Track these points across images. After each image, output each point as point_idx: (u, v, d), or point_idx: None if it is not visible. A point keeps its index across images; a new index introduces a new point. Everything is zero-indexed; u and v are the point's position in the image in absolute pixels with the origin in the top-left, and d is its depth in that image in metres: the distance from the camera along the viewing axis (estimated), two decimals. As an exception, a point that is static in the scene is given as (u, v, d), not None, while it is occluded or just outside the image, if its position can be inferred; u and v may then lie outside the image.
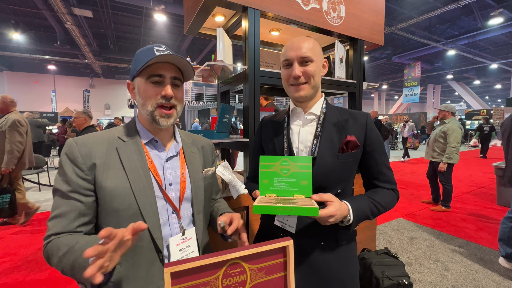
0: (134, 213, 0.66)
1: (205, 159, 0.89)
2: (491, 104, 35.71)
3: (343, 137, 0.81)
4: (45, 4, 8.39)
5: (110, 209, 0.65)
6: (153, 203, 0.68)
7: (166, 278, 0.46)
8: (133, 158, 0.70)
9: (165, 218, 0.72)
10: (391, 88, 25.38)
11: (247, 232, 1.45)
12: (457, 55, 14.16)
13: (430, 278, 2.12)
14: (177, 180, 0.76)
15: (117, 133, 0.73)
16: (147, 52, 0.69)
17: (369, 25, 1.88)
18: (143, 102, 0.70)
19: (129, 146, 0.71)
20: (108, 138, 0.71)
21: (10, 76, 15.43)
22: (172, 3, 8.36)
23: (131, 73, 0.73)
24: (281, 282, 0.57)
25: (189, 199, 0.79)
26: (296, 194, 0.72)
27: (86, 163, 0.65)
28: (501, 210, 3.69)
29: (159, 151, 0.77)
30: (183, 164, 0.80)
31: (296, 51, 0.79)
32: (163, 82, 0.71)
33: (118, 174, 0.67)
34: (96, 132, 0.72)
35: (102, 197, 0.65)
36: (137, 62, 0.70)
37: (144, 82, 0.70)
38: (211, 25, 1.77)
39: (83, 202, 0.64)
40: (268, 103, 2.68)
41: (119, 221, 0.65)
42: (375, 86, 2.11)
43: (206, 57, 13.46)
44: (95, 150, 0.67)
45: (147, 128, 0.75)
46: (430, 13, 8.81)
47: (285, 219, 0.83)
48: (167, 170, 0.76)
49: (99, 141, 0.69)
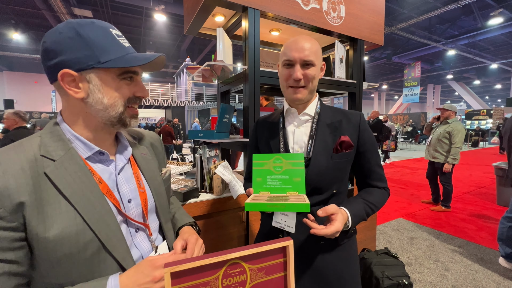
0: (94, 251, 0.51)
1: (158, 158, 0.76)
2: (491, 104, 35.73)
3: (337, 138, 0.82)
4: (45, 4, 8.40)
5: (57, 257, 0.48)
6: (117, 231, 0.55)
7: (166, 278, 0.45)
8: (75, 181, 0.52)
9: (130, 241, 0.60)
10: (391, 88, 25.39)
11: (247, 232, 1.45)
12: (457, 55, 14.18)
13: (430, 278, 2.12)
14: (135, 194, 0.63)
15: (36, 149, 0.52)
16: (110, 39, 0.54)
17: (369, 25, 1.88)
18: (111, 103, 0.55)
19: (64, 165, 0.52)
20: (27, 160, 0.49)
21: (10, 76, 15.44)
22: (172, 3, 8.37)
23: (77, 61, 0.51)
24: (281, 282, 0.57)
25: (153, 210, 0.68)
26: (289, 191, 0.72)
27: (4, 205, 0.45)
28: (501, 210, 3.68)
29: (106, 164, 0.60)
30: (137, 171, 0.66)
31: (299, 53, 0.77)
32: (135, 79, 0.59)
33: (59, 209, 0.49)
34: (2, 153, 0.50)
35: (41, 247, 0.47)
36: (95, 49, 0.51)
37: (113, 79, 0.55)
38: (211, 25, 1.77)
39: (13, 260, 0.46)
40: (269, 103, 2.68)
41: (71, 269, 0.49)
42: (375, 86, 2.11)
43: (206, 57, 13.48)
44: (14, 183, 0.46)
45: (86, 136, 0.57)
46: (430, 13, 8.82)
47: (283, 220, 0.84)
48: (122, 185, 0.61)
49: (15, 167, 0.48)
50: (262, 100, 2.66)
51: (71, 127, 0.57)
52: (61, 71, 0.51)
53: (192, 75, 1.77)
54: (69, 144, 0.55)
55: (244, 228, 1.45)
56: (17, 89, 15.45)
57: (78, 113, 0.56)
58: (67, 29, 0.51)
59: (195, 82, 6.56)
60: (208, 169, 1.41)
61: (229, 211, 1.38)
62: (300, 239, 0.80)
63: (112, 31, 0.55)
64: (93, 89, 0.53)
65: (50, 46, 0.51)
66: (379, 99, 25.90)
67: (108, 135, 0.61)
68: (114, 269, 0.54)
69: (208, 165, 1.41)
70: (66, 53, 0.51)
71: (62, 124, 0.57)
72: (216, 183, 1.35)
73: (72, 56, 0.51)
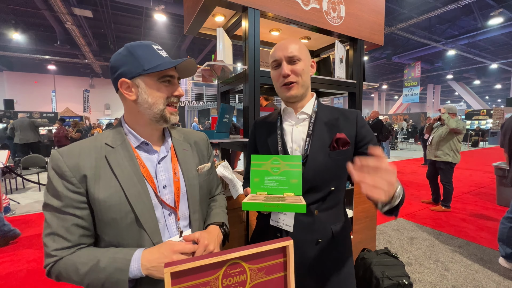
0: (131, 221, 0.65)
1: (199, 154, 0.86)
2: (491, 104, 35.70)
3: (333, 135, 0.82)
4: (45, 4, 8.40)
5: (107, 219, 0.63)
6: (150, 209, 0.67)
7: (166, 278, 0.46)
8: (125, 164, 0.67)
9: (163, 223, 0.71)
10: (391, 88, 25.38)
11: (247, 232, 1.45)
12: (457, 55, 14.16)
13: (430, 278, 2.12)
14: (170, 182, 0.74)
15: (104, 139, 0.69)
16: (152, 52, 0.68)
17: (369, 25, 1.88)
18: (154, 101, 0.68)
19: (119, 152, 0.68)
20: (95, 147, 0.67)
21: (10, 76, 15.43)
22: (172, 3, 8.37)
23: (129, 71, 0.67)
24: (281, 282, 0.57)
25: (184, 199, 0.77)
26: (286, 192, 0.73)
27: (75, 175, 0.62)
28: (501, 210, 3.68)
29: (150, 153, 0.74)
30: (176, 163, 0.78)
31: (283, 51, 0.81)
32: (173, 82, 0.72)
33: (110, 183, 0.64)
34: (81, 141, 0.68)
35: (97, 209, 0.63)
36: (140, 60, 0.67)
37: (155, 82, 0.69)
38: (211, 25, 1.77)
39: (79, 215, 0.62)
40: (268, 103, 2.67)
41: (117, 231, 0.64)
42: (375, 86, 2.11)
43: (206, 57, 13.46)
44: (83, 161, 0.64)
45: (137, 131, 0.73)
46: (430, 13, 8.81)
47: (281, 218, 0.84)
48: (160, 173, 0.74)
49: (86, 150, 0.66)
50: (262, 100, 2.66)
51: (128, 124, 0.73)
52: (119, 80, 0.68)
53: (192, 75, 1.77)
54: (125, 136, 0.71)
55: (244, 228, 1.45)
56: (17, 89, 15.44)
57: (132, 113, 0.72)
58: (123, 50, 0.69)
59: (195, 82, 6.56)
60: (208, 169, 1.41)
61: (229, 211, 1.37)
62: (297, 237, 0.80)
63: (154, 47, 0.70)
64: (141, 91, 0.68)
65: (112, 64, 0.70)
66: (379, 99, 25.89)
67: (155, 130, 0.75)
68: (146, 239, 0.66)
69: (208, 165, 1.41)
70: (122, 67, 0.68)
71: (122, 122, 0.74)
72: (216, 183, 1.35)
73: (125, 68, 0.67)
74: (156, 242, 0.67)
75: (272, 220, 0.86)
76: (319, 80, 1.68)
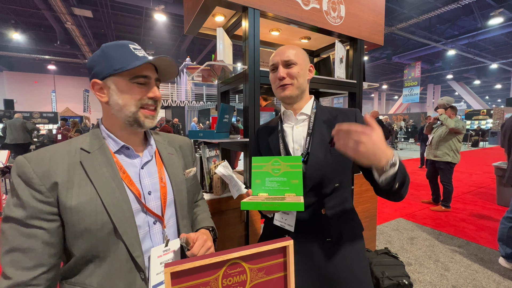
0: (108, 232, 0.59)
1: (185, 159, 0.83)
2: (491, 104, 35.71)
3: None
4: (45, 4, 8.40)
5: (79, 231, 0.57)
6: (130, 218, 0.62)
7: (166, 278, 0.46)
8: (102, 170, 0.62)
9: (145, 231, 0.66)
10: (391, 88, 25.39)
11: (247, 232, 1.45)
12: (457, 55, 14.17)
13: (430, 278, 2.12)
14: (156, 187, 0.70)
15: (79, 144, 0.64)
16: (125, 52, 0.64)
17: (369, 25, 1.88)
18: (124, 103, 0.64)
19: (96, 157, 0.63)
20: (68, 152, 0.62)
21: (10, 76, 15.43)
22: (172, 3, 8.37)
23: (100, 72, 0.63)
24: (281, 282, 0.57)
25: (172, 205, 0.73)
26: (287, 193, 0.73)
27: (44, 183, 0.56)
28: (501, 210, 3.68)
29: (132, 158, 0.69)
30: (161, 167, 0.74)
31: (280, 56, 0.86)
32: (148, 83, 0.67)
33: (85, 189, 0.59)
34: (53, 146, 0.63)
35: (68, 219, 0.57)
36: (111, 60, 0.63)
37: (126, 83, 0.64)
38: (211, 25, 1.77)
39: (46, 229, 0.55)
40: (268, 103, 2.67)
41: (92, 244, 0.58)
42: (375, 86, 2.11)
43: (206, 57, 13.48)
44: (54, 167, 0.58)
45: (116, 135, 0.68)
46: (430, 13, 8.81)
47: (284, 218, 0.84)
48: (144, 178, 0.69)
49: (58, 155, 0.60)
50: (261, 101, 2.66)
51: (105, 127, 0.69)
52: (91, 81, 0.65)
53: (192, 75, 1.77)
54: (103, 140, 0.67)
55: (244, 228, 1.45)
56: (17, 89, 15.45)
57: (108, 115, 0.68)
58: (99, 50, 0.65)
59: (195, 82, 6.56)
60: (208, 169, 1.41)
61: (229, 211, 1.38)
62: (303, 237, 0.80)
63: (130, 46, 0.66)
64: (111, 93, 0.64)
65: (88, 65, 0.67)
66: (379, 99, 25.89)
67: (133, 135, 0.71)
68: (124, 252, 0.61)
69: (208, 165, 1.41)
70: (95, 67, 0.64)
71: (100, 126, 0.70)
72: (216, 183, 1.35)
73: (97, 69, 0.64)
74: (135, 256, 0.62)
75: (276, 219, 0.87)
76: (319, 80, 1.68)
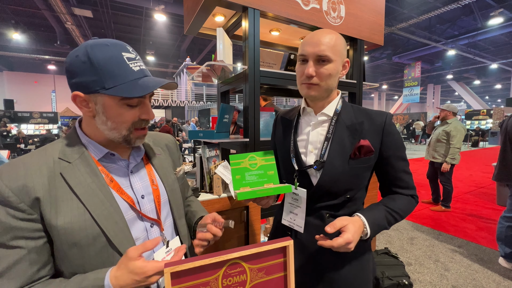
0: (102, 245, 0.55)
1: (172, 157, 0.81)
2: (491, 104, 35.72)
3: (356, 141, 0.74)
4: (45, 4, 8.40)
5: (69, 246, 0.53)
6: (124, 227, 0.58)
7: (166, 278, 0.45)
8: (87, 181, 0.56)
9: (144, 237, 0.63)
10: (391, 88, 25.39)
11: (247, 232, 1.45)
12: (457, 55, 14.18)
13: (430, 278, 2.12)
14: (148, 190, 0.67)
15: (56, 153, 0.57)
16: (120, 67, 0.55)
17: (369, 25, 1.88)
18: (115, 127, 0.58)
19: (78, 167, 0.57)
20: (45, 162, 0.55)
21: (10, 76, 15.44)
22: (172, 3, 8.37)
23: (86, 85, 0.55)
24: (281, 282, 0.57)
25: (166, 206, 0.71)
26: (266, 184, 0.80)
27: (24, 200, 0.50)
28: (501, 210, 3.66)
29: (119, 163, 0.65)
30: (151, 169, 0.71)
31: (314, 47, 0.70)
32: (142, 102, 0.60)
33: (71, 205, 0.54)
34: (26, 156, 0.56)
35: (55, 237, 0.53)
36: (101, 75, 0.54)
37: (117, 104, 0.57)
38: (211, 25, 1.77)
39: (32, 247, 0.51)
40: (267, 103, 2.67)
41: (84, 260, 0.54)
42: (375, 86, 2.11)
43: (206, 57, 13.48)
44: (31, 181, 0.52)
45: (99, 142, 0.61)
46: (430, 13, 8.82)
47: (292, 218, 0.83)
48: (135, 183, 0.65)
49: (34, 168, 0.54)
50: (260, 100, 2.65)
51: (86, 133, 0.62)
52: (73, 93, 0.56)
53: (192, 75, 1.77)
54: (84, 148, 0.60)
55: (244, 228, 1.45)
56: (17, 89, 15.45)
57: (91, 125, 0.61)
58: (82, 52, 0.54)
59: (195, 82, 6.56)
60: (208, 169, 1.41)
61: (229, 211, 1.38)
62: (308, 238, 0.78)
63: (124, 55, 0.57)
64: (99, 110, 0.57)
65: (68, 67, 0.56)
66: (379, 99, 25.89)
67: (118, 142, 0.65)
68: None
69: (208, 165, 1.41)
70: (78, 76, 0.55)
71: (78, 130, 0.62)
72: (216, 183, 1.35)
73: (82, 80, 0.55)
74: None
75: (284, 219, 0.85)
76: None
